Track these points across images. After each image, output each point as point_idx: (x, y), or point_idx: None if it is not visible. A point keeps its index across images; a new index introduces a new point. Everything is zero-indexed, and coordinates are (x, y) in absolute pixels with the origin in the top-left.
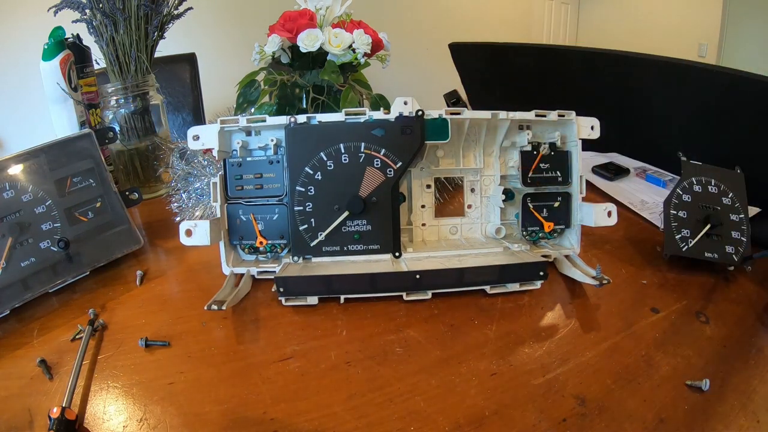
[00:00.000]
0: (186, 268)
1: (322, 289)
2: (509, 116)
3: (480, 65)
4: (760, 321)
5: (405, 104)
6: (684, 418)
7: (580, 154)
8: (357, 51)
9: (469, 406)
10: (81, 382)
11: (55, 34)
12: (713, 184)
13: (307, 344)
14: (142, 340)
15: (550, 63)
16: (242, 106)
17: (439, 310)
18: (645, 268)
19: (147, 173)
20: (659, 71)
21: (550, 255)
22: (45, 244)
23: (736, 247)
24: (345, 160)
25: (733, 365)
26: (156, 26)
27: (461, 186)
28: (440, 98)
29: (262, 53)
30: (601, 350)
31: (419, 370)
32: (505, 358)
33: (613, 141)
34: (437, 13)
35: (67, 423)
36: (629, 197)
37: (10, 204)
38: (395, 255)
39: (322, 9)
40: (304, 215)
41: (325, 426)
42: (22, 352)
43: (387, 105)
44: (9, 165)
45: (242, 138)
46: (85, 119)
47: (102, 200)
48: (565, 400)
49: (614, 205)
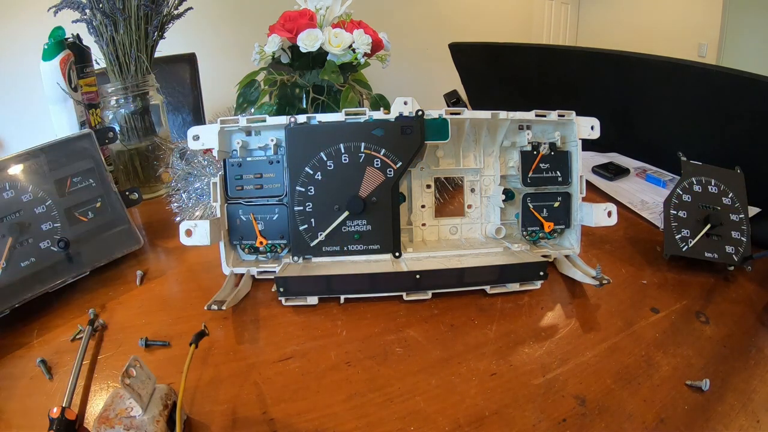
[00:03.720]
0: (186, 268)
1: (322, 289)
2: (509, 116)
3: (480, 65)
4: (760, 321)
5: (405, 104)
6: (684, 418)
7: (580, 154)
8: (357, 51)
9: (469, 406)
10: (81, 382)
11: (55, 34)
12: (713, 184)
13: (307, 344)
14: (142, 340)
15: (550, 63)
16: (242, 106)
17: (439, 310)
18: (645, 268)
19: (147, 173)
20: (659, 71)
21: (550, 255)
22: (45, 244)
23: (736, 247)
24: (345, 160)
25: (733, 365)
26: (156, 26)
27: (461, 186)
28: (440, 98)
29: (262, 53)
30: (601, 350)
31: (419, 370)
32: (505, 358)
33: (613, 141)
34: (437, 13)
35: (67, 423)
36: (629, 197)
37: (10, 204)
38: (395, 255)
39: (322, 9)
40: (304, 215)
41: (325, 426)
42: (22, 352)
43: (387, 105)
44: (9, 165)
45: (242, 138)
46: (85, 119)
47: (102, 200)
48: (565, 400)
49: (614, 205)
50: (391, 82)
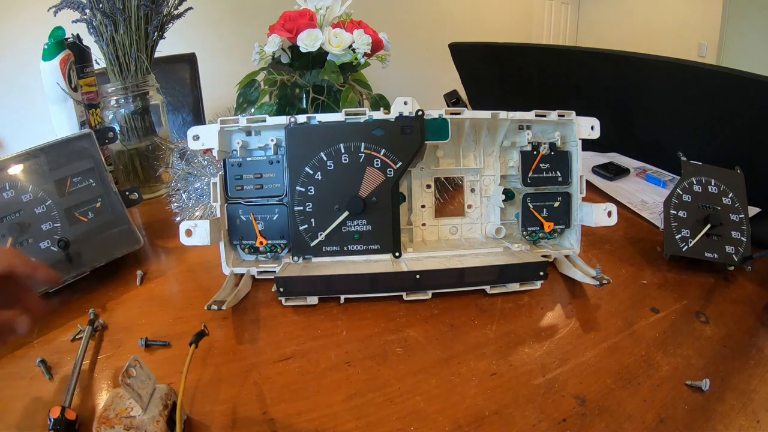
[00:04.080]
0: (186, 268)
1: (322, 289)
2: (509, 116)
3: (480, 65)
4: (760, 321)
5: (405, 104)
6: (684, 418)
7: (580, 154)
8: (357, 51)
9: (469, 406)
10: (81, 382)
11: (55, 34)
12: (713, 184)
13: (307, 344)
14: (142, 340)
15: (550, 63)
16: (242, 106)
17: (439, 310)
18: (645, 268)
19: (147, 173)
20: (659, 71)
21: (550, 255)
22: (45, 244)
23: (736, 247)
24: (345, 160)
25: (733, 365)
26: (156, 26)
27: (461, 186)
28: (440, 98)
29: (262, 53)
30: (601, 350)
31: (419, 370)
32: (505, 358)
33: (613, 141)
34: (437, 13)
35: (67, 423)
36: (629, 197)
37: (10, 204)
38: (395, 255)
39: (322, 9)
40: (304, 215)
41: (325, 426)
42: (22, 352)
43: (387, 105)
44: (9, 165)
45: (242, 138)
46: (85, 119)
47: (102, 200)
48: (565, 400)
49: (614, 205)
50: (391, 82)
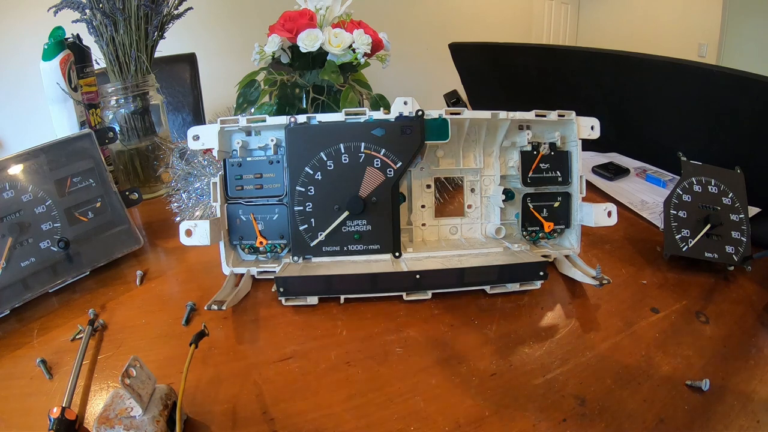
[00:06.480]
0: (186, 268)
1: (322, 289)
2: (509, 116)
3: (480, 65)
4: (760, 321)
5: (405, 104)
6: (684, 418)
7: (580, 154)
8: (357, 51)
9: (469, 406)
10: (81, 382)
11: (55, 34)
12: (713, 184)
13: (307, 344)
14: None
15: (550, 63)
16: (242, 106)
17: (439, 310)
18: (645, 268)
19: (147, 173)
20: (659, 71)
21: (550, 255)
22: (45, 244)
23: (736, 247)
24: (345, 160)
25: (733, 365)
26: (156, 26)
27: (461, 186)
28: (440, 98)
29: (262, 53)
30: (601, 350)
31: (419, 370)
32: (505, 358)
33: (613, 141)
34: (437, 13)
35: (67, 423)
36: (629, 197)
37: (10, 204)
38: (395, 255)
39: (322, 9)
40: (304, 215)
41: (325, 426)
42: (22, 352)
43: (387, 105)
44: (9, 165)
45: (242, 138)
46: (85, 119)
47: (102, 200)
48: (565, 400)
49: (614, 205)
50: (391, 82)
